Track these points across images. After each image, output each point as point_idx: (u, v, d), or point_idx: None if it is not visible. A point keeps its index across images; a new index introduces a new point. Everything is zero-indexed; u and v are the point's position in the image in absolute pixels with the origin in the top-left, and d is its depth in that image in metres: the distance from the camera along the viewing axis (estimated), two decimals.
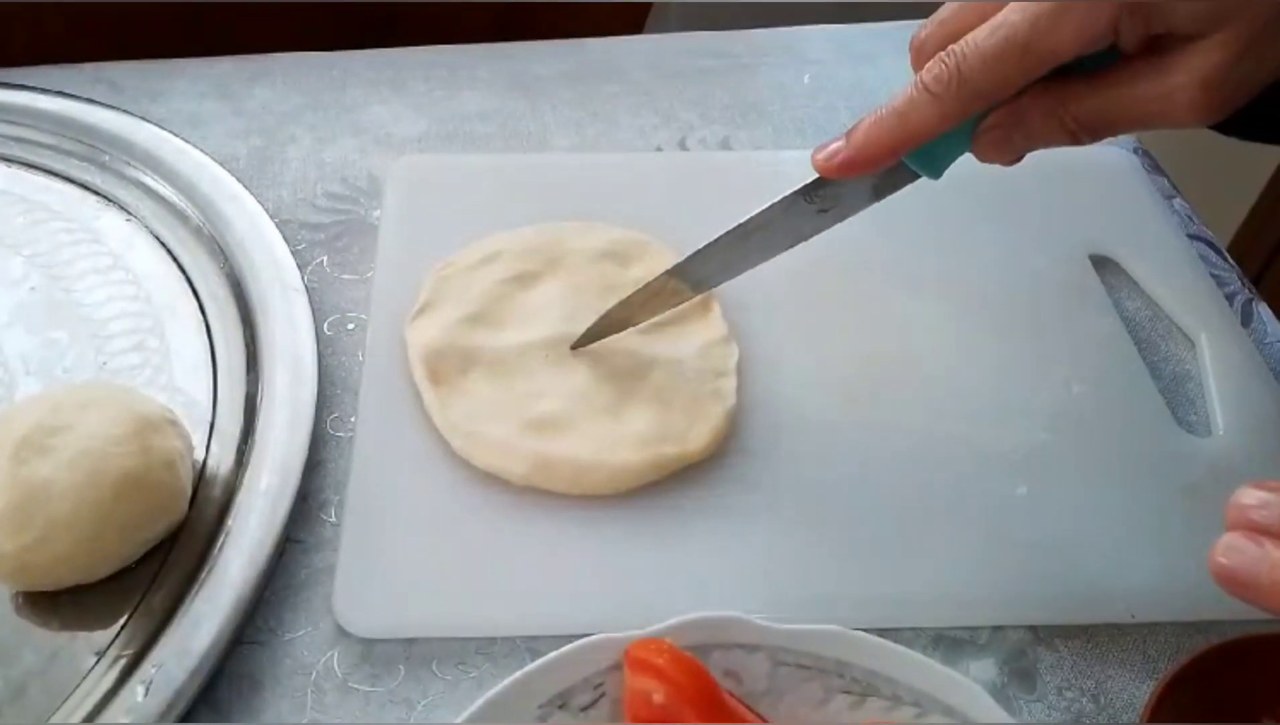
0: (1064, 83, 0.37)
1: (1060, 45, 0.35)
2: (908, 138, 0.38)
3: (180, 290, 0.51)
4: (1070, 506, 0.45)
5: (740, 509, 0.44)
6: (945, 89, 0.37)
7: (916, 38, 0.39)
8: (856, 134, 0.39)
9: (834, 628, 0.37)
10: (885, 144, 0.38)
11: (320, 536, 0.44)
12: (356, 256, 0.54)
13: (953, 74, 0.37)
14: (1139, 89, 0.37)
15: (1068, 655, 0.41)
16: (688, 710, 0.34)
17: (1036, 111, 0.38)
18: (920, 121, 0.37)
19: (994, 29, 0.36)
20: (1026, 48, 0.36)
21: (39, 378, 0.47)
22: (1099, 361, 0.51)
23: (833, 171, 0.39)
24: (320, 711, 0.39)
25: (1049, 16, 0.35)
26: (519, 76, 0.65)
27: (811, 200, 0.41)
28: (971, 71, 0.36)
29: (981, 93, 0.37)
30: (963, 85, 0.36)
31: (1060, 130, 0.38)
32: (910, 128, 0.38)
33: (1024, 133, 0.39)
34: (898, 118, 0.38)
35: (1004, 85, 0.37)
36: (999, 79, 0.36)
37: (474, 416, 0.45)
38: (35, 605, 0.40)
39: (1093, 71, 0.37)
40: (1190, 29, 0.35)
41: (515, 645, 0.41)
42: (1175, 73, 0.36)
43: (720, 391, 0.47)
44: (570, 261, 0.51)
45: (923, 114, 0.37)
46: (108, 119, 0.57)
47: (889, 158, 0.39)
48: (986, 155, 0.40)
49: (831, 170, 0.39)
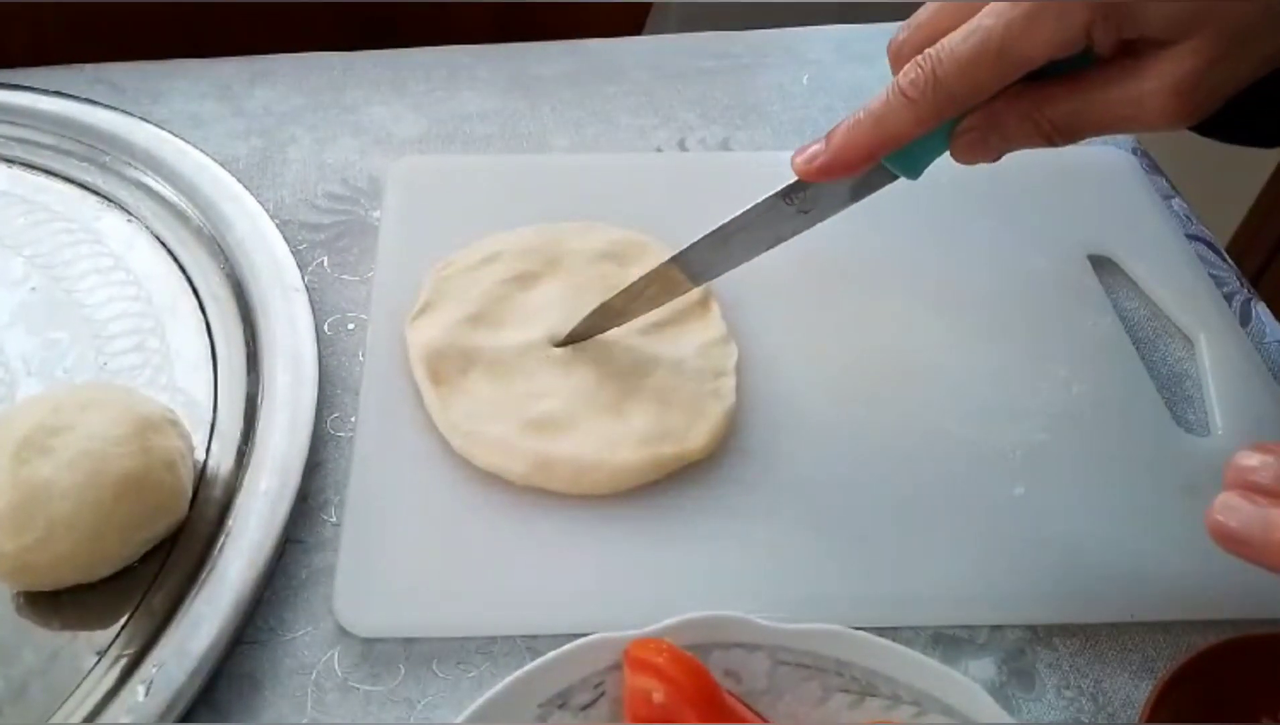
0: (1039, 86, 0.38)
1: (1034, 50, 0.36)
2: (884, 141, 0.38)
3: (181, 291, 0.51)
4: (1069, 506, 0.45)
5: (740, 509, 0.44)
6: (921, 94, 0.37)
7: (894, 41, 0.40)
8: (835, 138, 0.39)
9: (834, 627, 0.37)
10: (863, 147, 0.39)
11: (320, 536, 0.44)
12: (357, 257, 0.54)
13: (928, 78, 0.37)
14: (1112, 93, 0.37)
15: (1066, 654, 0.41)
16: (688, 710, 0.34)
17: (1012, 114, 0.39)
18: (896, 125, 0.38)
19: (969, 34, 0.36)
20: (1001, 52, 0.36)
21: (40, 378, 0.47)
22: (1098, 361, 0.51)
23: (811, 175, 0.40)
24: (320, 711, 0.39)
25: (1022, 21, 0.35)
26: (519, 76, 0.66)
27: (791, 201, 0.42)
28: (947, 76, 0.37)
29: (956, 97, 0.37)
30: (938, 90, 0.37)
31: (1035, 132, 0.39)
32: (887, 132, 0.38)
33: (1000, 135, 0.39)
34: (874, 122, 0.38)
35: (978, 90, 0.37)
36: (973, 84, 0.37)
37: (474, 416, 0.45)
38: (36, 605, 0.40)
39: (1067, 75, 0.37)
40: (1163, 34, 0.35)
41: (515, 645, 0.41)
42: (1148, 78, 0.36)
43: (719, 391, 0.47)
44: (570, 262, 0.51)
45: (899, 118, 0.38)
46: (108, 119, 0.57)
47: (866, 161, 0.39)
48: (963, 156, 0.40)
49: (810, 173, 0.40)
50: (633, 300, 0.47)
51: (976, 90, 0.37)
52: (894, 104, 0.38)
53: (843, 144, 0.39)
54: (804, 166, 0.40)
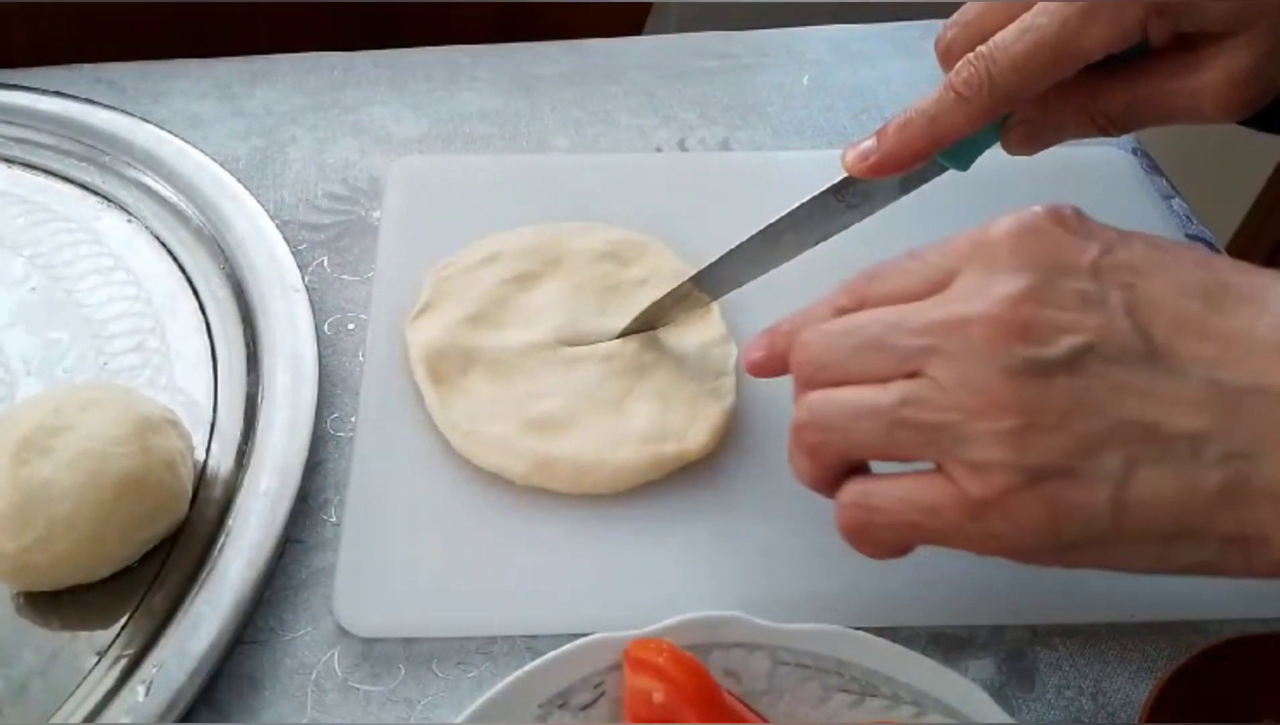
0: (1094, 78, 0.38)
1: (1090, 46, 0.36)
2: (938, 139, 0.39)
3: (181, 291, 0.51)
4: None
5: (740, 508, 0.44)
6: (976, 92, 0.37)
7: (942, 39, 0.40)
8: (887, 136, 0.39)
9: (833, 627, 0.37)
10: (916, 146, 0.39)
11: (320, 536, 0.44)
12: (357, 257, 0.54)
13: (983, 77, 0.37)
14: (1168, 85, 0.37)
15: (1066, 654, 0.41)
16: (688, 710, 0.34)
17: (1067, 107, 0.39)
18: (950, 124, 0.38)
19: (1023, 31, 0.36)
20: (1056, 49, 0.36)
21: (40, 378, 0.47)
22: None
23: (865, 172, 0.40)
24: (320, 711, 0.39)
25: (1078, 18, 0.35)
26: (519, 76, 0.65)
27: (841, 198, 0.42)
28: (1002, 74, 0.37)
29: (1011, 95, 0.37)
30: (994, 88, 0.37)
31: (1090, 124, 0.39)
32: (940, 129, 0.38)
33: (1054, 126, 0.40)
34: (928, 120, 0.38)
35: (1034, 87, 0.37)
36: (1029, 81, 0.37)
37: (474, 416, 0.45)
38: (36, 605, 0.40)
39: (1122, 67, 0.37)
40: (1219, 27, 0.36)
41: (515, 645, 0.41)
42: (1204, 70, 0.36)
43: (719, 391, 0.47)
44: (570, 262, 0.51)
45: (952, 116, 0.38)
46: (108, 119, 0.57)
47: (920, 159, 0.39)
48: (1017, 149, 0.40)
49: (865, 171, 0.40)
50: (669, 308, 0.47)
51: (1031, 87, 0.37)
52: (947, 102, 0.38)
53: (896, 142, 0.39)
54: (857, 164, 0.40)
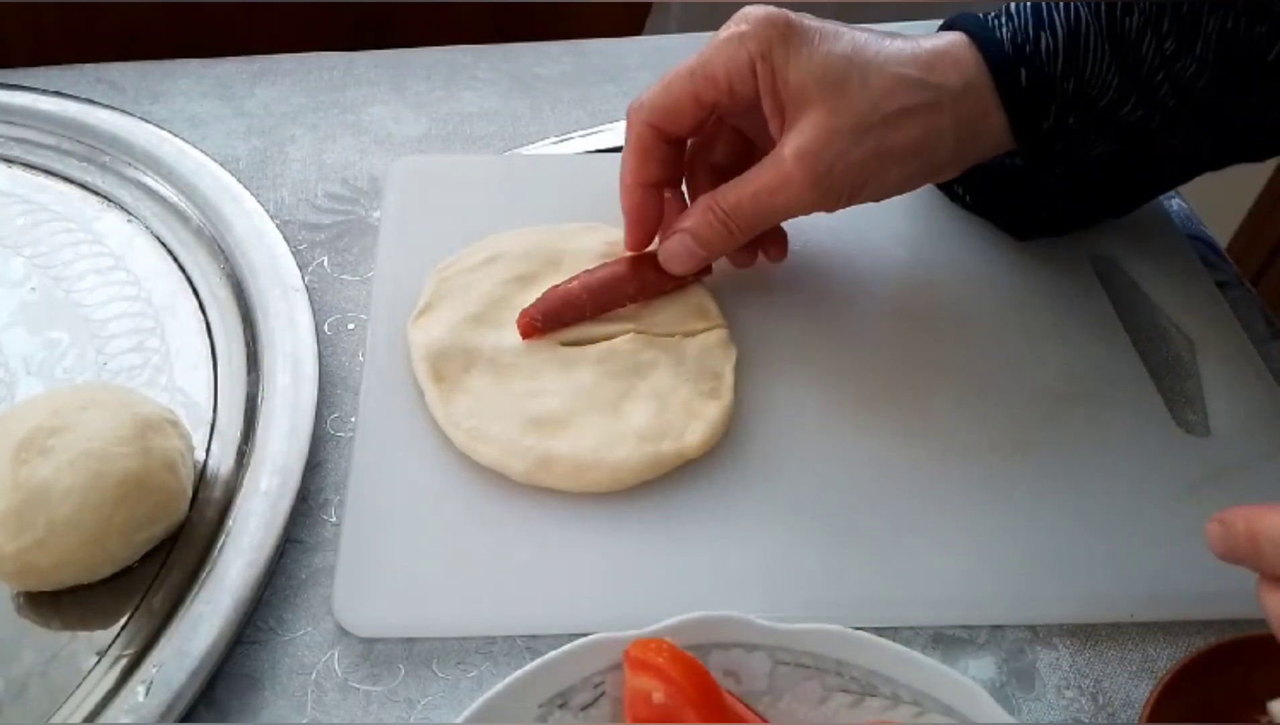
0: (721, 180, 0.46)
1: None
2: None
3: (181, 291, 0.51)
4: (1069, 506, 0.45)
5: (740, 509, 0.44)
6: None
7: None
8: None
9: (834, 627, 0.37)
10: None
11: (320, 536, 0.44)
12: (357, 257, 0.54)
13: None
14: (764, 169, 0.44)
15: (1067, 654, 0.41)
16: (688, 710, 0.34)
17: (697, 209, 0.46)
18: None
19: None
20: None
21: (40, 378, 0.47)
22: (1098, 361, 0.51)
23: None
24: (320, 711, 0.39)
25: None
26: (519, 76, 0.65)
27: None
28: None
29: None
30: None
31: (716, 222, 0.45)
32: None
33: (693, 236, 0.46)
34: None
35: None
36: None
37: (475, 414, 0.45)
38: (36, 605, 0.40)
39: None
40: (795, 103, 0.42)
41: (515, 645, 0.41)
42: (783, 146, 0.43)
43: (718, 391, 0.47)
44: (570, 262, 0.51)
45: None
46: (108, 119, 0.57)
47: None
48: (675, 267, 0.48)
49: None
50: None
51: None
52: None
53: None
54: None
